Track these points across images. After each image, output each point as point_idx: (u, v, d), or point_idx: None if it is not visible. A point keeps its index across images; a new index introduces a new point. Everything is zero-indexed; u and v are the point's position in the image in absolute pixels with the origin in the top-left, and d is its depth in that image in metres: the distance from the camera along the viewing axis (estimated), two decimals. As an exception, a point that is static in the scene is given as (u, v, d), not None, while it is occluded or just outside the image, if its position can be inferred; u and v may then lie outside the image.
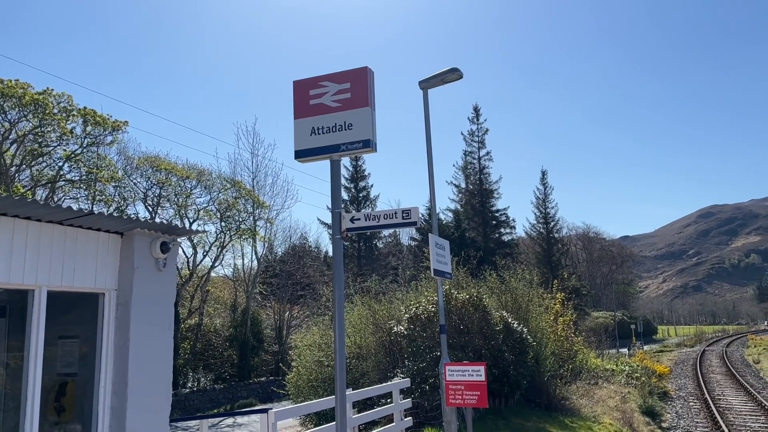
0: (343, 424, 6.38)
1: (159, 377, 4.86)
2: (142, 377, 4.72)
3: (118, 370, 4.63)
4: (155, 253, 4.86)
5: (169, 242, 4.92)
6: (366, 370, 15.62)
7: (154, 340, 4.85)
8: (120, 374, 4.61)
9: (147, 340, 4.78)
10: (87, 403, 4.78)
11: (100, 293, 4.73)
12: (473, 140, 63.89)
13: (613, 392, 20.26)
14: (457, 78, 10.31)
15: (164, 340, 4.94)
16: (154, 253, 4.86)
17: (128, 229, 4.77)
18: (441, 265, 9.51)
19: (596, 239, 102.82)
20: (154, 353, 4.83)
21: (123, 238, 4.83)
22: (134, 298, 4.69)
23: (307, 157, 7.20)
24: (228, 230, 34.55)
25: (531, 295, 18.97)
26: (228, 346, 36.11)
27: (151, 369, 4.81)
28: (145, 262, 4.82)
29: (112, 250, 4.75)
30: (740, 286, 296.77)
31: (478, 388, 8.19)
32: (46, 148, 26.28)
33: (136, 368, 4.67)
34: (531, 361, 16.04)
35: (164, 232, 4.94)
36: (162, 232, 4.93)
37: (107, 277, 4.71)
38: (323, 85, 7.32)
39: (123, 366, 4.61)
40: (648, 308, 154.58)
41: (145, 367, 4.76)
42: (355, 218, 7.08)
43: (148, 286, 4.83)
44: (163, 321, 4.94)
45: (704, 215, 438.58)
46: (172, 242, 4.97)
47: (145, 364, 4.76)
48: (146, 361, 4.78)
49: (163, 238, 4.90)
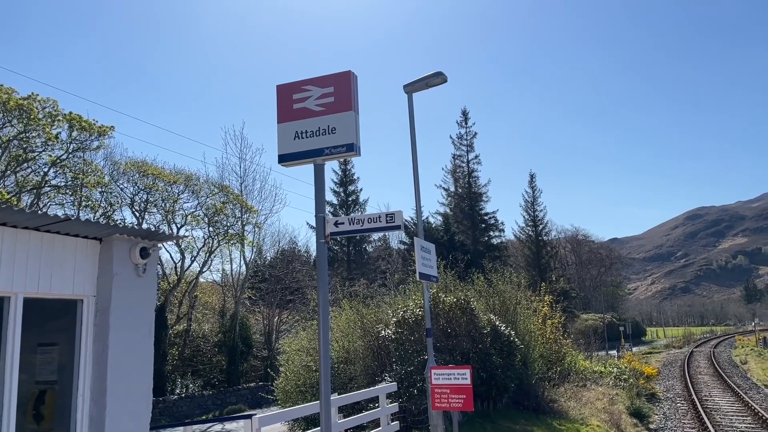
0: (327, 429, 6.35)
1: (139, 384, 4.81)
2: (122, 385, 4.67)
3: (96, 378, 4.58)
4: (135, 258, 4.82)
5: (149, 248, 4.88)
6: (354, 375, 15.58)
7: (134, 347, 4.79)
8: (98, 382, 4.56)
9: (126, 347, 4.73)
10: (66, 411, 4.73)
11: (78, 300, 4.68)
12: (462, 144, 64.08)
13: (602, 394, 20.33)
14: (442, 82, 10.33)
15: (144, 347, 4.89)
16: (133, 258, 4.82)
17: (107, 235, 4.72)
18: (427, 268, 9.50)
19: (585, 242, 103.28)
20: (133, 360, 4.78)
21: (102, 244, 4.79)
22: (113, 304, 4.64)
23: (291, 161, 7.19)
24: (216, 235, 34.37)
25: (519, 297, 19.02)
26: (217, 352, 35.88)
27: (131, 376, 4.75)
28: (125, 268, 4.77)
29: (91, 256, 4.70)
30: (727, 288, 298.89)
31: (464, 392, 8.18)
32: (31, 154, 26.06)
33: (115, 376, 4.61)
34: (519, 363, 16.06)
35: (144, 238, 4.90)
36: (142, 238, 4.88)
37: (85, 284, 4.66)
38: (307, 89, 7.31)
39: (101, 373, 4.56)
40: (637, 310, 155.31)
41: (125, 374, 4.71)
42: (339, 222, 7.06)
43: (128, 292, 4.78)
44: (143, 327, 4.89)
45: (691, 217, 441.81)
46: (152, 248, 4.93)
47: (124, 372, 4.70)
48: (126, 368, 4.73)
49: (142, 243, 4.86)
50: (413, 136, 10.62)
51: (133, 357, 4.79)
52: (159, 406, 27.73)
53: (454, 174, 64.55)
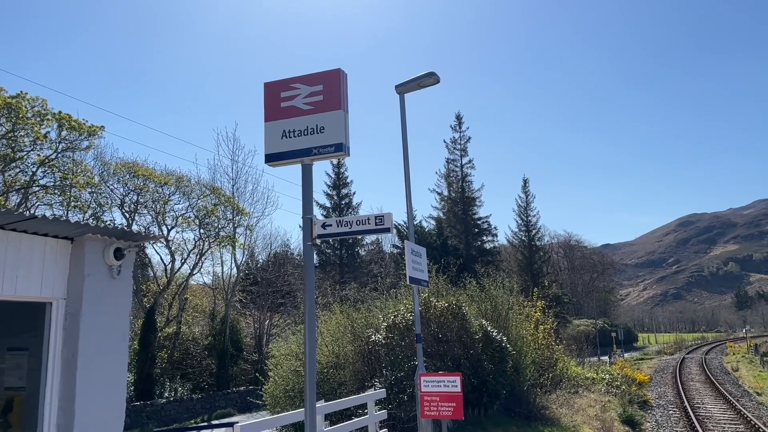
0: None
1: (111, 392, 4.57)
2: (92, 392, 4.43)
3: (65, 385, 4.34)
4: (108, 260, 4.58)
5: (124, 248, 4.65)
6: (344, 380, 15.35)
7: (106, 353, 4.56)
8: (67, 389, 4.32)
9: (98, 353, 4.49)
10: (35, 419, 4.49)
11: (47, 302, 4.45)
12: (456, 148, 63.96)
13: (593, 401, 20.16)
14: (434, 83, 10.14)
15: (118, 353, 4.66)
16: (107, 259, 4.58)
17: (78, 235, 4.49)
18: (417, 272, 9.30)
19: (577, 247, 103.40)
20: (105, 367, 4.54)
21: (73, 244, 4.55)
22: (84, 307, 4.40)
23: (278, 161, 6.97)
24: (207, 237, 34.08)
25: (511, 303, 18.84)
26: (206, 355, 35.54)
27: (103, 384, 4.52)
28: (97, 269, 4.54)
29: (61, 256, 4.47)
30: (719, 294, 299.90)
31: (454, 400, 7.97)
32: (19, 153, 25.74)
33: (85, 383, 4.38)
34: (511, 370, 15.87)
35: (119, 238, 4.67)
36: (116, 238, 4.65)
37: (55, 286, 4.43)
38: (295, 87, 7.09)
39: (71, 380, 4.32)
40: (629, 316, 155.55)
41: (96, 381, 4.47)
42: (327, 224, 6.85)
43: (101, 295, 4.54)
44: (117, 332, 4.65)
45: (683, 224, 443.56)
46: (128, 248, 4.70)
47: (95, 379, 4.47)
48: (97, 375, 4.49)
49: (117, 244, 4.63)
50: (405, 137, 10.42)
51: (105, 363, 4.55)
52: (147, 409, 27.38)
53: (448, 178, 64.42)
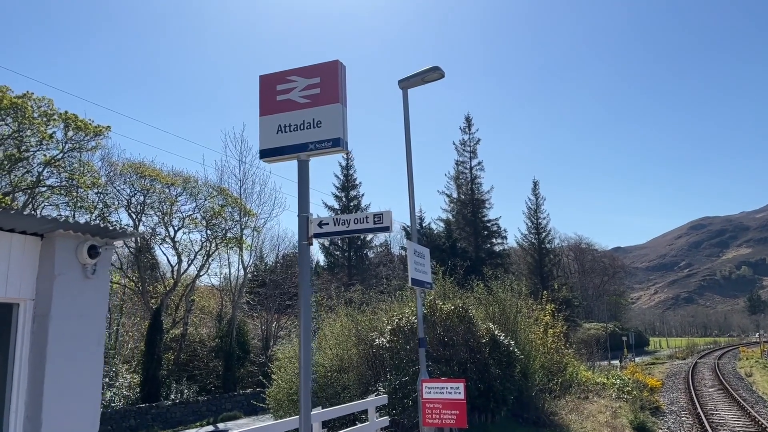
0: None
1: (83, 401, 4.27)
2: (62, 400, 4.13)
3: (32, 392, 4.05)
4: (82, 258, 4.29)
5: (99, 246, 4.35)
6: (347, 384, 15.04)
7: (78, 358, 4.26)
8: (34, 397, 4.02)
9: (69, 358, 4.20)
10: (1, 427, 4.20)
11: (13, 303, 4.16)
12: (465, 150, 63.61)
13: (604, 407, 19.71)
14: (439, 77, 9.83)
15: (92, 359, 4.36)
16: (80, 258, 4.29)
17: (48, 231, 4.20)
18: (420, 274, 8.97)
19: (588, 250, 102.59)
20: (77, 373, 4.25)
21: (43, 241, 4.27)
22: (54, 309, 4.11)
23: (273, 156, 6.67)
24: (214, 238, 33.88)
25: (519, 306, 18.45)
26: (213, 357, 35.35)
27: (74, 391, 4.22)
28: (69, 268, 4.25)
29: (29, 254, 4.18)
30: (731, 298, 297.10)
31: (457, 407, 7.62)
32: (26, 153, 25.66)
33: (54, 390, 4.08)
34: (518, 374, 15.50)
35: (93, 234, 4.37)
36: (91, 234, 4.36)
37: (22, 285, 4.14)
38: (291, 79, 6.79)
39: (38, 387, 4.03)
40: (640, 320, 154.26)
41: (66, 388, 4.18)
42: (324, 223, 6.56)
43: (73, 296, 4.25)
44: (91, 336, 4.36)
45: (695, 227, 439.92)
46: (104, 246, 4.40)
47: (65, 386, 4.17)
48: (67, 381, 4.19)
49: (92, 241, 4.33)
50: (408, 133, 10.10)
51: (77, 369, 4.25)
52: (152, 411, 27.20)
53: (457, 180, 64.04)
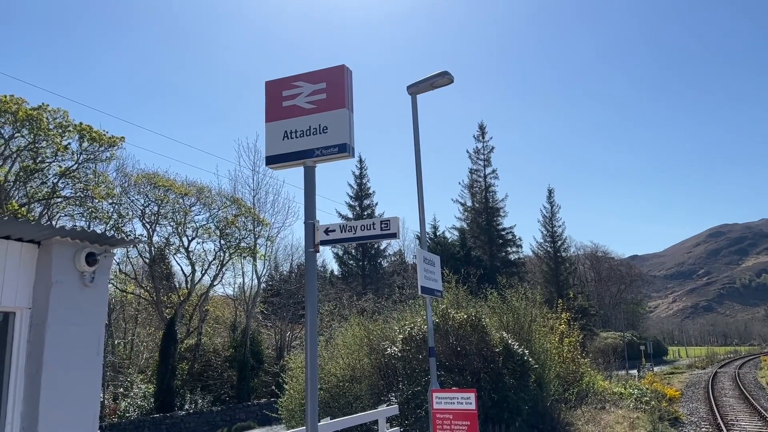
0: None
1: (80, 412, 4.18)
2: (59, 412, 4.05)
3: (28, 404, 3.97)
4: (80, 265, 4.22)
5: (98, 253, 4.28)
6: (360, 394, 14.91)
7: (76, 368, 4.18)
8: (30, 408, 3.94)
9: (66, 368, 4.12)
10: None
11: (9, 312, 4.09)
12: (479, 158, 63.39)
13: (621, 417, 19.34)
14: (447, 82, 9.73)
15: (90, 369, 4.27)
16: (78, 265, 4.23)
17: (45, 238, 4.13)
18: (430, 282, 8.83)
19: (604, 258, 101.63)
20: (75, 383, 4.16)
21: (40, 248, 4.20)
22: (51, 317, 4.04)
23: (279, 163, 6.60)
24: (228, 248, 33.94)
25: (534, 314, 18.20)
26: (227, 367, 35.31)
27: (71, 402, 4.13)
28: (67, 276, 4.18)
29: (26, 261, 4.12)
30: (752, 307, 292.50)
31: (468, 418, 7.46)
32: (41, 164, 25.89)
33: (51, 401, 4.00)
34: (533, 384, 15.24)
35: (91, 242, 4.30)
36: (90, 242, 4.28)
37: (18, 294, 4.07)
38: (297, 85, 6.73)
39: (34, 398, 3.95)
40: (658, 328, 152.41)
41: (63, 399, 4.09)
42: (330, 230, 6.47)
43: (70, 305, 4.18)
44: (89, 345, 4.27)
45: (714, 234, 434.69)
46: (102, 253, 4.33)
47: (62, 397, 4.09)
48: (64, 392, 4.11)
49: (90, 248, 4.26)
50: (417, 139, 10.00)
51: (74, 380, 4.17)
52: (166, 422, 27.20)
53: (471, 189, 63.80)
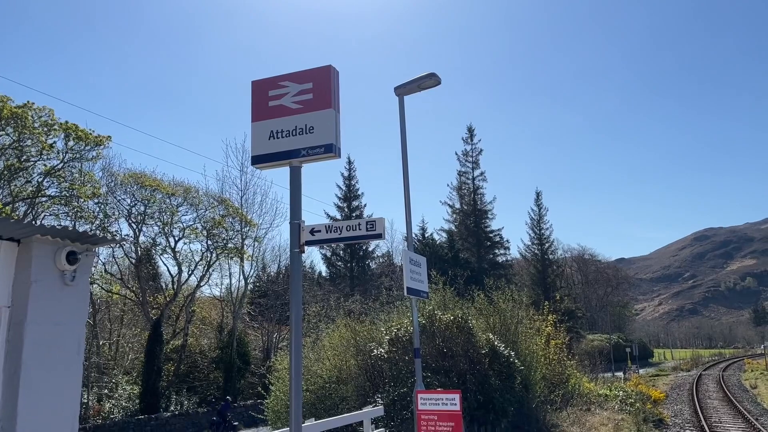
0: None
1: (60, 412, 4.13)
2: (37, 412, 4.00)
3: (6, 403, 3.91)
4: (60, 264, 4.18)
5: (78, 252, 4.24)
6: (346, 395, 14.88)
7: (56, 368, 4.14)
8: (8, 408, 3.89)
9: (46, 368, 4.07)
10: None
11: (-12, 311, 4.04)
12: (467, 161, 63.60)
13: (606, 419, 19.45)
14: (435, 84, 9.75)
15: (69, 368, 4.23)
16: (58, 264, 4.18)
17: (25, 236, 4.09)
18: (416, 283, 8.84)
19: (591, 261, 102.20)
20: (54, 383, 4.12)
21: (20, 247, 4.16)
22: (30, 316, 3.99)
23: (265, 162, 6.61)
24: (215, 249, 33.76)
25: (520, 316, 18.26)
26: (214, 368, 35.13)
27: (50, 402, 4.09)
28: (47, 274, 4.13)
29: (5, 260, 4.07)
30: (736, 310, 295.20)
31: (453, 419, 7.47)
32: (26, 163, 25.63)
33: (30, 401, 3.95)
34: (519, 386, 15.28)
35: (72, 240, 4.26)
36: (70, 240, 4.24)
37: (-4, 292, 4.02)
38: (283, 85, 6.74)
39: (12, 398, 3.90)
40: (644, 331, 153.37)
41: (42, 399, 4.04)
42: (316, 230, 6.46)
43: (50, 303, 4.13)
44: (69, 344, 4.23)
45: (699, 238, 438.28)
46: (84, 252, 4.29)
47: (41, 396, 4.04)
48: (44, 392, 4.06)
49: (71, 247, 4.22)
50: (404, 140, 10.01)
51: (54, 379, 4.12)
52: (151, 423, 27.00)
53: (460, 191, 64.00)
